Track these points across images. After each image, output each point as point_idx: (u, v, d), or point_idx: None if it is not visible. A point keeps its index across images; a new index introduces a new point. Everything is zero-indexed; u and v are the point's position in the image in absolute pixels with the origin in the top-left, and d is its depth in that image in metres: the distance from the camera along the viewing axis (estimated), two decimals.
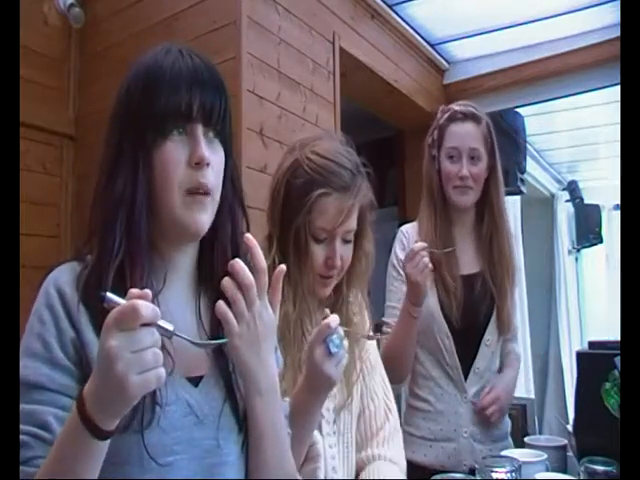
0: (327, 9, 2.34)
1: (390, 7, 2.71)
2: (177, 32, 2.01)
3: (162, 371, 0.63)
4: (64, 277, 0.79)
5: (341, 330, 0.97)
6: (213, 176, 0.82)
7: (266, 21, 2.00)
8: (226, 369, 0.85)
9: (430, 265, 1.48)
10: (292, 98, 2.10)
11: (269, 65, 2.00)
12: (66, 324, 0.76)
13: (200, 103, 0.80)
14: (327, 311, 1.00)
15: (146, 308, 0.62)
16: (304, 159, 1.15)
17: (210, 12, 1.96)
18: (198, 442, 0.79)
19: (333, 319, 0.96)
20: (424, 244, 1.50)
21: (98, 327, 0.75)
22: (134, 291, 0.64)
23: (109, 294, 0.63)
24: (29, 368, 0.74)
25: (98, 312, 0.75)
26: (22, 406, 0.72)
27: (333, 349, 0.95)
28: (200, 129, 0.81)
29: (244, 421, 0.85)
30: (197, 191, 0.80)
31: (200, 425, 0.79)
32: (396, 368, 1.55)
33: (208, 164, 0.80)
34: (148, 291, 0.64)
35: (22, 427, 0.71)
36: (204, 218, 0.82)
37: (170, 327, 0.66)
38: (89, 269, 0.80)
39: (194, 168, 0.80)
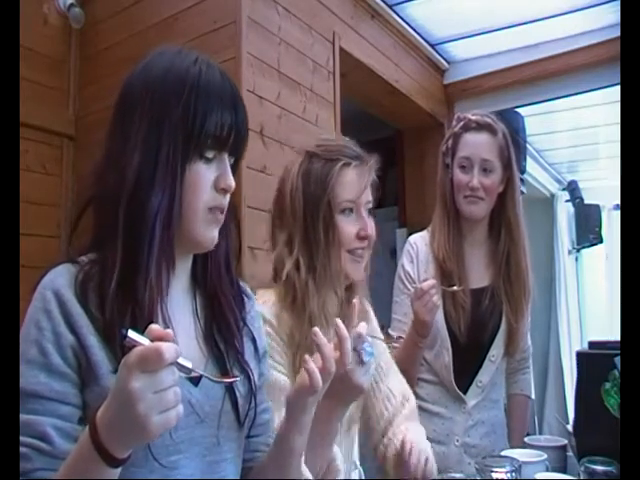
0: (327, 9, 2.34)
1: (390, 7, 2.71)
2: (177, 32, 2.00)
3: (181, 408, 0.64)
4: (60, 280, 0.78)
5: (369, 338, 0.95)
6: (228, 201, 0.85)
7: (266, 21, 2.00)
8: (224, 367, 0.86)
9: (439, 303, 1.46)
10: (292, 98, 2.10)
11: (269, 65, 1.99)
12: (64, 328, 0.75)
13: (236, 133, 0.83)
14: (356, 320, 0.98)
15: (169, 351, 0.61)
16: (317, 148, 1.20)
17: (210, 12, 1.95)
18: (199, 440, 0.80)
19: (363, 326, 0.94)
20: (433, 282, 1.46)
21: (99, 331, 0.76)
22: (155, 330, 0.63)
23: (131, 333, 0.62)
24: (26, 376, 0.73)
25: (100, 315, 0.76)
26: (20, 415, 0.71)
27: (366, 358, 0.93)
28: (226, 156, 0.84)
29: (244, 419, 0.87)
30: (217, 210, 0.83)
31: (201, 424, 0.81)
32: None
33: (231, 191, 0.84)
34: (170, 331, 0.64)
35: (20, 438, 0.70)
36: (217, 234, 0.85)
37: (189, 365, 0.66)
38: (92, 274, 0.78)
39: (220, 193, 0.83)
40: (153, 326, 0.64)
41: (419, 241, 1.72)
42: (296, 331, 1.12)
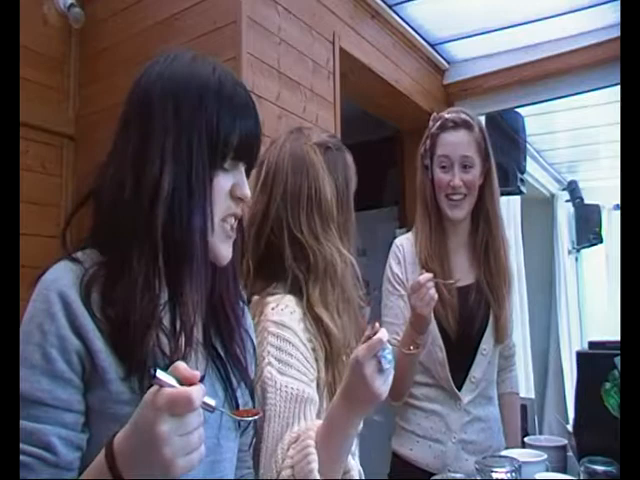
0: (327, 9, 2.34)
1: (390, 7, 2.71)
2: (177, 32, 2.00)
3: (203, 449, 0.64)
4: (64, 280, 0.76)
5: (389, 345, 0.91)
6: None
7: (266, 21, 2.00)
8: (224, 369, 0.87)
9: (436, 296, 1.45)
10: (292, 98, 2.10)
11: (269, 65, 2.00)
12: (69, 332, 0.73)
13: (256, 140, 0.85)
14: (377, 325, 0.93)
15: (198, 395, 0.61)
16: (329, 140, 1.26)
17: (210, 12, 1.95)
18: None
19: (384, 333, 0.91)
20: (430, 275, 1.46)
21: (104, 333, 0.75)
22: (183, 370, 0.63)
23: (159, 373, 0.61)
24: (28, 381, 0.71)
25: (104, 318, 0.75)
26: (22, 422, 0.70)
27: (386, 365, 0.89)
28: (242, 164, 0.85)
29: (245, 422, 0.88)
30: (229, 223, 0.84)
31: (205, 424, 0.80)
32: (396, 389, 1.53)
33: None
34: (198, 373, 0.64)
35: (23, 447, 0.69)
36: (230, 250, 0.86)
37: (213, 403, 0.66)
38: (99, 276, 0.77)
39: (235, 202, 0.84)
40: (180, 366, 0.63)
41: (405, 243, 1.73)
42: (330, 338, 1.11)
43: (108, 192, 0.80)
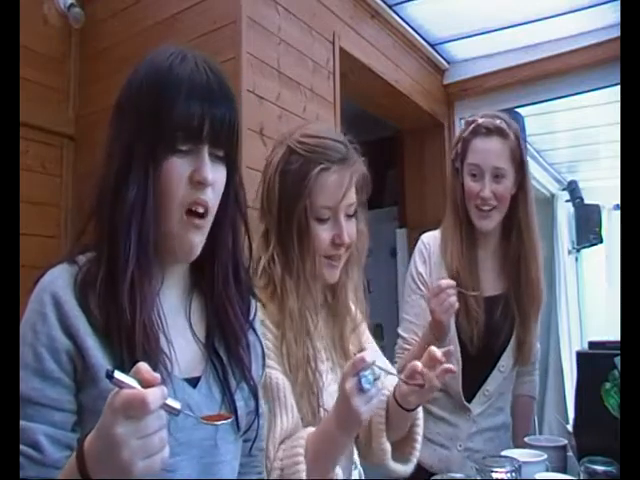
0: (327, 9, 2.34)
1: (390, 7, 2.71)
2: (177, 32, 2.00)
3: (167, 452, 0.62)
4: (59, 281, 0.77)
5: (376, 368, 0.92)
6: (213, 196, 0.82)
7: (266, 21, 2.00)
8: (222, 370, 0.87)
9: (456, 305, 1.40)
10: (292, 98, 2.10)
11: (269, 65, 1.99)
12: (59, 332, 0.74)
13: (210, 124, 0.80)
14: (364, 345, 0.98)
15: (155, 398, 0.60)
16: (296, 144, 1.14)
17: (210, 12, 1.95)
18: (197, 443, 0.81)
19: (368, 354, 0.93)
20: (451, 282, 1.41)
21: (99, 330, 0.75)
22: (143, 372, 0.61)
23: (117, 373, 0.60)
24: (24, 381, 0.73)
25: (99, 316, 0.76)
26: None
27: (365, 385, 0.91)
28: (206, 149, 0.81)
29: (245, 425, 0.89)
30: (196, 209, 0.81)
31: (199, 426, 0.80)
32: None
33: (210, 185, 0.81)
34: (157, 375, 0.62)
35: None
36: (198, 240, 0.83)
37: (177, 406, 0.64)
38: (91, 274, 0.78)
39: (196, 187, 0.80)
40: (142, 367, 0.62)
41: (432, 242, 1.67)
42: (281, 324, 1.10)
43: (95, 194, 0.83)
